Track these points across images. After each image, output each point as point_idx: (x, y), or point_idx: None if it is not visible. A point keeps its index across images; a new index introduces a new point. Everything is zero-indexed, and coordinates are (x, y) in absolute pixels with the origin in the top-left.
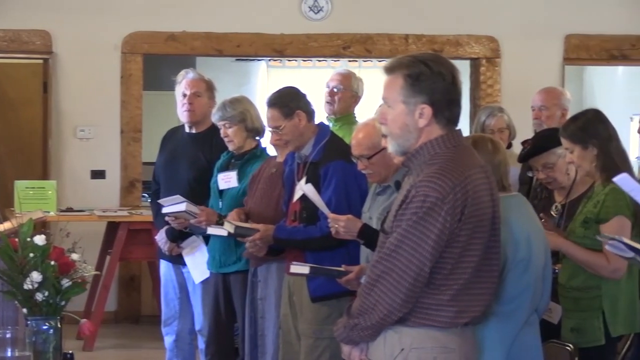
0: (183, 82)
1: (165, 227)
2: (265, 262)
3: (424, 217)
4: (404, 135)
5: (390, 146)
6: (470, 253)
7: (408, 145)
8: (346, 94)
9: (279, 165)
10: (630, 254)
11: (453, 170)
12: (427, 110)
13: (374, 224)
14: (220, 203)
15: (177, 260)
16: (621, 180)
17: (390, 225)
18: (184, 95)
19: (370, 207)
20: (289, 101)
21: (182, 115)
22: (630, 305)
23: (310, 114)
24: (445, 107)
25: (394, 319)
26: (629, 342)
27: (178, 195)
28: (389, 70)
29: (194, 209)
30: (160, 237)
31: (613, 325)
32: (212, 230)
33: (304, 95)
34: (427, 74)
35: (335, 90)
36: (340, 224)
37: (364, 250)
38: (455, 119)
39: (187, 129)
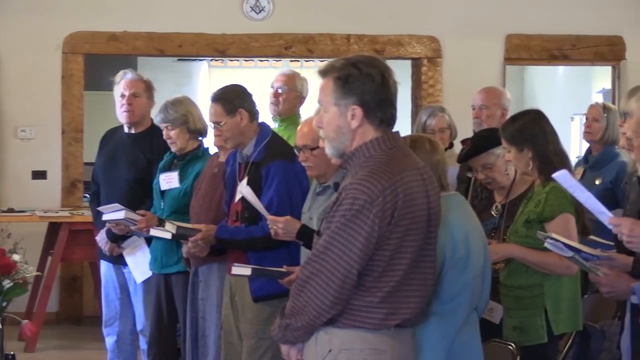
0: (121, 83)
1: (106, 228)
2: (206, 262)
3: (352, 219)
4: (338, 138)
5: (327, 149)
6: (402, 256)
7: (343, 147)
8: (291, 94)
9: (221, 165)
10: (570, 253)
11: (384, 172)
12: (358, 111)
13: (314, 225)
14: (162, 203)
15: (118, 261)
16: (561, 176)
17: (324, 227)
18: (123, 96)
19: (310, 208)
20: (232, 98)
21: (120, 115)
22: (572, 303)
23: (253, 114)
24: (376, 107)
25: (324, 319)
26: (570, 341)
27: (117, 204)
28: (322, 73)
29: (134, 215)
30: (101, 238)
31: (555, 323)
32: (155, 232)
33: (249, 95)
34: (356, 76)
35: (279, 91)
36: (279, 225)
37: (305, 251)
38: (389, 120)
39: (126, 130)
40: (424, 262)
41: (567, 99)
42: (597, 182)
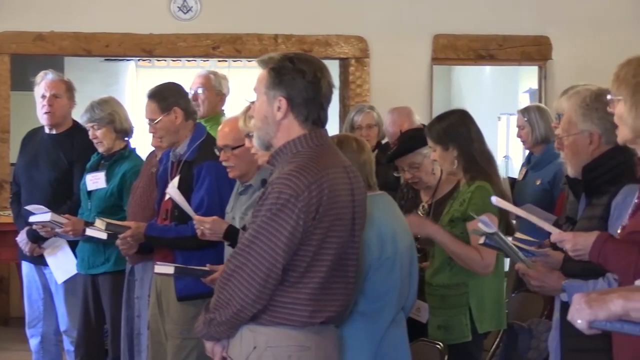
0: (42, 84)
1: (26, 228)
2: (142, 260)
3: (277, 213)
4: (264, 127)
5: (254, 140)
6: (326, 252)
7: (268, 138)
8: (210, 94)
9: (158, 164)
10: (493, 229)
11: (310, 168)
12: (284, 103)
13: (237, 224)
14: (89, 204)
15: (39, 261)
16: (495, 201)
17: (250, 222)
18: (43, 97)
19: (233, 207)
20: (168, 96)
21: (41, 117)
22: (496, 302)
23: (188, 112)
24: (302, 104)
25: (248, 314)
26: (498, 339)
27: (42, 206)
28: (261, 63)
29: (59, 219)
30: (21, 238)
31: (480, 322)
32: (90, 233)
33: (185, 94)
34: (288, 69)
35: (198, 92)
36: (205, 226)
37: (228, 250)
38: (317, 119)
39: (47, 130)
40: (347, 261)
41: (494, 98)
42: (537, 183)
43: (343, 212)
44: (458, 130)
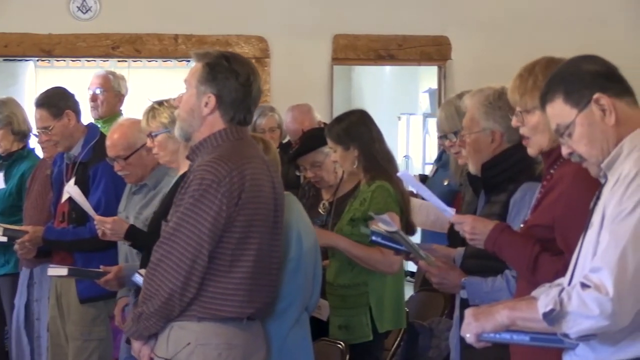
0: None
1: None
2: (40, 263)
3: (200, 199)
4: (188, 120)
5: (176, 130)
6: (251, 241)
7: (191, 131)
8: (109, 95)
9: (52, 166)
10: (394, 228)
11: (231, 156)
12: (212, 100)
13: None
14: None
15: None
16: (403, 175)
17: (171, 213)
18: None
19: (126, 207)
20: (57, 101)
21: None
22: (395, 302)
23: (78, 113)
24: (230, 104)
25: (177, 303)
26: (399, 338)
27: None
28: (196, 57)
29: None
30: None
31: (379, 321)
32: None
33: (72, 95)
34: (223, 67)
35: (97, 93)
36: (106, 226)
37: (123, 250)
38: (242, 121)
39: None
40: (272, 253)
41: (394, 98)
42: (445, 183)
43: (265, 202)
44: (358, 130)
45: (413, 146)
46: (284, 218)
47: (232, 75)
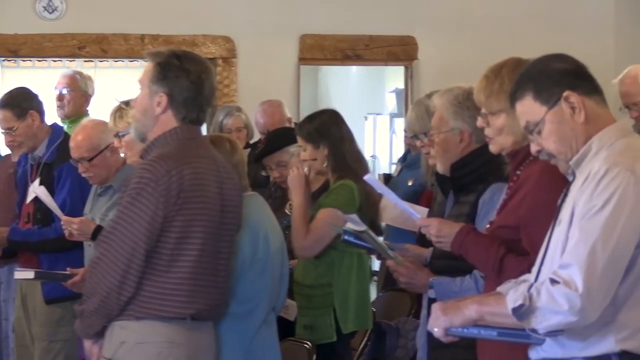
0: None
1: None
2: (6, 264)
3: (137, 197)
4: (142, 120)
5: (132, 131)
6: (192, 241)
7: (145, 130)
8: (76, 95)
9: (15, 166)
10: (363, 227)
11: (172, 156)
12: (164, 99)
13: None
14: None
15: None
16: (369, 179)
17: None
18: None
19: (92, 209)
20: (21, 101)
21: None
22: (360, 302)
23: (42, 114)
24: (182, 103)
25: (115, 302)
26: (366, 338)
27: None
28: (148, 56)
29: None
30: None
31: (343, 322)
32: None
33: (36, 96)
34: (174, 66)
35: (63, 92)
36: (73, 227)
37: (89, 252)
38: (195, 120)
39: None
40: (218, 254)
41: (361, 98)
42: (409, 183)
43: (210, 202)
44: (330, 129)
45: (380, 146)
46: (239, 219)
47: (183, 73)
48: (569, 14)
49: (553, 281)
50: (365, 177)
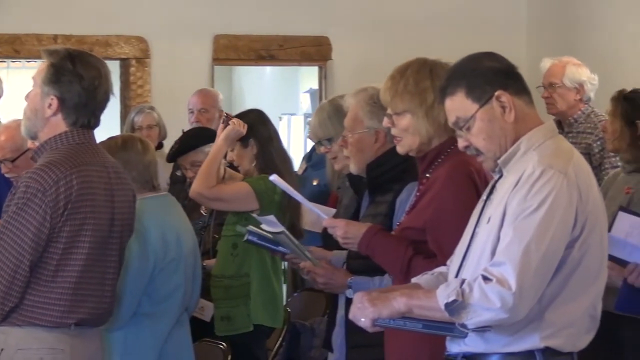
0: None
1: None
2: None
3: (24, 207)
4: (32, 119)
5: (22, 128)
6: (78, 251)
7: (35, 130)
8: None
9: None
10: (280, 229)
11: (60, 164)
12: (55, 102)
13: None
14: None
15: None
16: (274, 179)
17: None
18: None
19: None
20: None
21: None
22: (273, 298)
23: None
24: (73, 107)
25: None
26: (281, 338)
27: None
28: (44, 53)
29: None
30: None
31: (255, 311)
32: None
33: None
34: (67, 70)
35: None
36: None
37: None
38: (86, 124)
39: None
40: (106, 262)
41: (276, 98)
42: (314, 183)
43: (98, 211)
44: (259, 128)
45: (294, 146)
46: (131, 225)
47: (75, 79)
48: (481, 16)
49: (485, 278)
50: (271, 178)
